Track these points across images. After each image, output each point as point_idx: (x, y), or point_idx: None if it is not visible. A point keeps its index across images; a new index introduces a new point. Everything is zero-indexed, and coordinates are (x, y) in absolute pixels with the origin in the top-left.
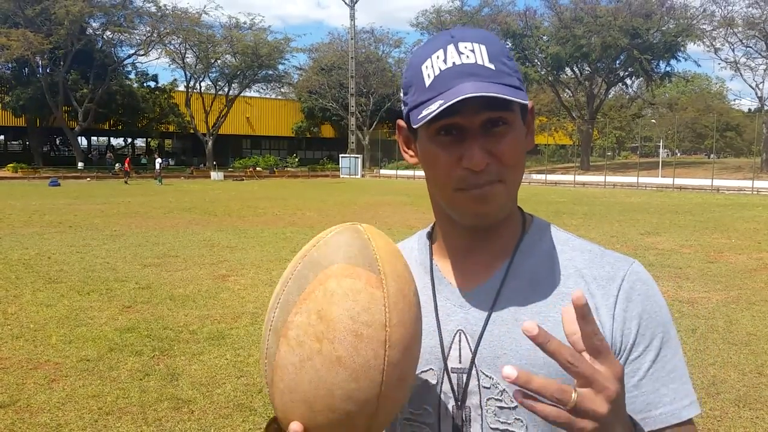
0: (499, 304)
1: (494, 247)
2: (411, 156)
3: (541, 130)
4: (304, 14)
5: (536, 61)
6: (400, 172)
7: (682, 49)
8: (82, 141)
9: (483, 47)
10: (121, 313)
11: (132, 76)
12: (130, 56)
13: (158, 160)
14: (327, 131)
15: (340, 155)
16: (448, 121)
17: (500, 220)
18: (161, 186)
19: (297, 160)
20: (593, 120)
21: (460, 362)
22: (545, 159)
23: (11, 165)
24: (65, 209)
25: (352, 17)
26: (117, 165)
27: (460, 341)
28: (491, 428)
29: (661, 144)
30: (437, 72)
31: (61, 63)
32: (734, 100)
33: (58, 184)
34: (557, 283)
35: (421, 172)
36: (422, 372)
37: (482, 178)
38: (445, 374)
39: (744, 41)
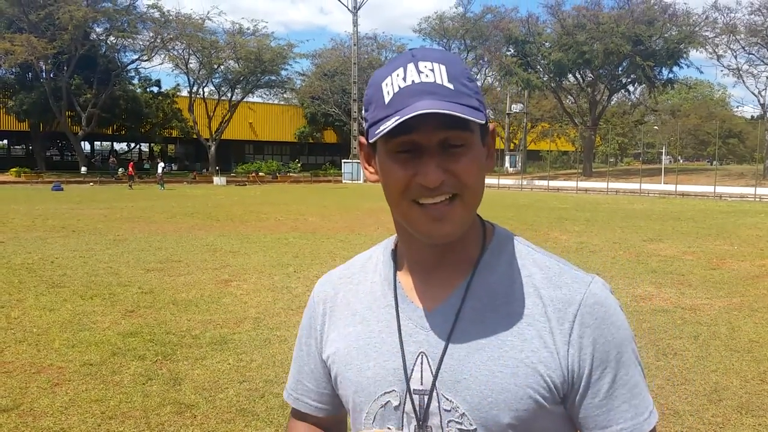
0: (459, 326)
1: (455, 262)
2: (371, 173)
3: (543, 136)
4: (308, 20)
5: (539, 67)
6: None
7: (684, 56)
8: (85, 146)
9: (443, 67)
10: (123, 318)
11: (135, 81)
12: (133, 61)
13: (160, 165)
14: (329, 136)
15: (343, 160)
16: (406, 138)
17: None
18: (164, 191)
19: (299, 165)
20: (596, 126)
21: (421, 384)
22: (547, 165)
23: (15, 169)
24: (68, 214)
25: (355, 23)
26: (120, 170)
27: (422, 363)
28: None
29: (663, 151)
30: (396, 89)
31: (65, 68)
32: (737, 107)
33: (61, 189)
34: (516, 304)
35: None
36: (386, 393)
37: (437, 193)
38: (408, 395)
39: (746, 48)
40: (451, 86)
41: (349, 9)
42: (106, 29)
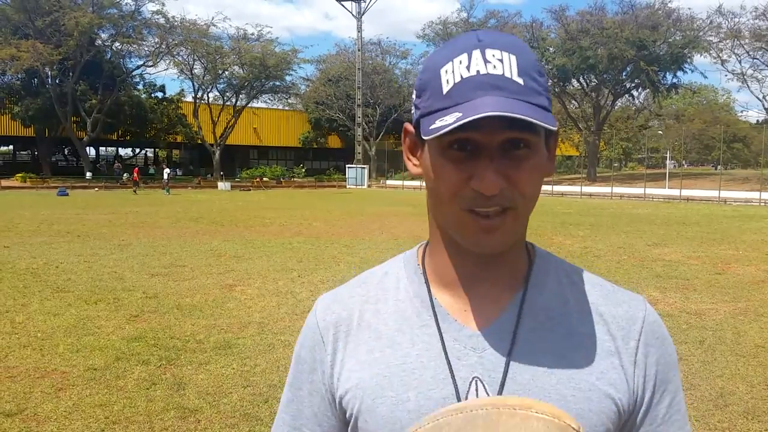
0: (518, 347)
1: (501, 278)
2: (415, 165)
3: None
4: (312, 25)
5: None
6: (407, 183)
7: (688, 60)
8: (91, 151)
9: (513, 57)
10: (128, 323)
11: (140, 86)
12: (138, 67)
13: (166, 171)
14: (334, 142)
15: (347, 166)
16: (463, 135)
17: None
18: (169, 196)
19: (304, 170)
20: (600, 131)
21: None
22: None
23: (20, 175)
24: (73, 219)
25: (359, 29)
26: (125, 175)
27: (476, 390)
28: None
29: (667, 155)
30: (458, 79)
31: (71, 74)
32: (741, 111)
33: (67, 194)
34: (575, 322)
35: None
36: None
37: (492, 203)
38: None
39: (751, 53)
40: (521, 81)
41: (353, 14)
42: (111, 35)
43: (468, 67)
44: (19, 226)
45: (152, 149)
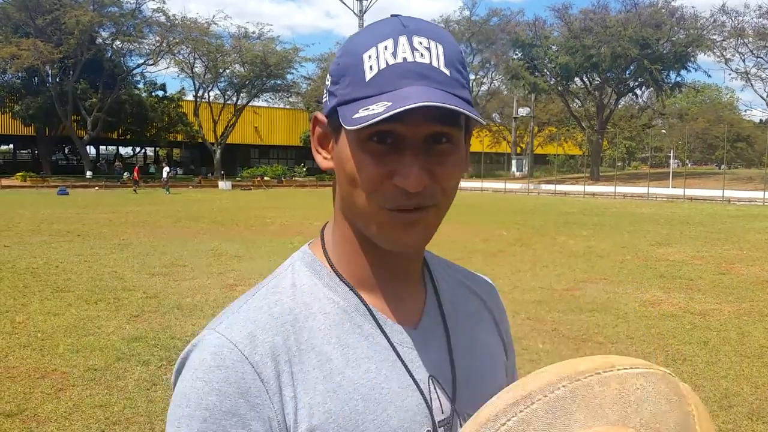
0: (452, 338)
1: (414, 274)
2: (325, 158)
3: (550, 140)
4: (314, 24)
5: (545, 70)
6: None
7: (692, 59)
8: (91, 150)
9: (440, 47)
10: (128, 323)
11: (141, 85)
12: (139, 66)
13: (165, 169)
14: None
15: None
16: (386, 126)
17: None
18: (169, 195)
19: (305, 169)
20: (603, 130)
21: (442, 412)
22: (554, 169)
23: (20, 174)
24: (73, 218)
25: (361, 27)
26: (126, 174)
27: (436, 389)
28: None
29: (671, 154)
30: (383, 66)
31: (71, 72)
32: (745, 110)
33: (67, 193)
34: (469, 306)
35: None
36: None
37: (415, 201)
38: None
39: (755, 52)
40: (447, 72)
41: (354, 12)
42: (112, 34)
43: (394, 54)
44: (19, 226)
45: (153, 148)
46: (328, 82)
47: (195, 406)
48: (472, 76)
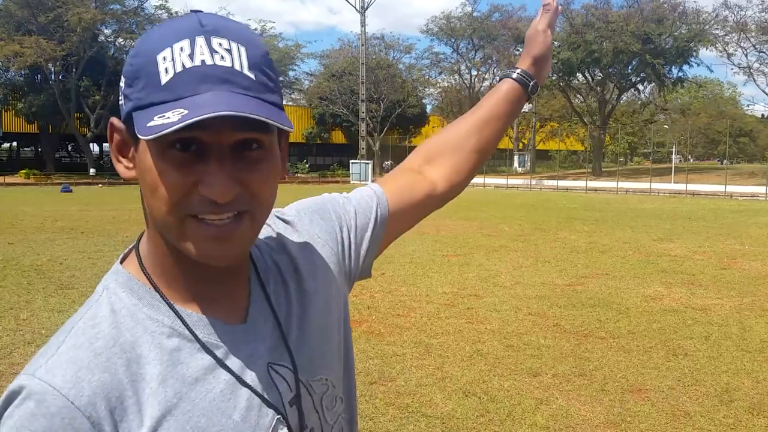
0: (279, 315)
1: (234, 273)
2: (127, 168)
3: (552, 135)
4: (317, 20)
5: None
6: None
7: (694, 54)
8: (94, 147)
9: (243, 49)
10: None
11: None
12: None
13: None
14: (337, 137)
15: (351, 161)
16: (187, 134)
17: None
18: None
19: (307, 165)
20: (605, 125)
21: (291, 391)
22: (556, 165)
23: (24, 171)
24: (77, 215)
25: (363, 23)
26: None
27: (278, 373)
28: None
29: (673, 150)
30: (179, 69)
31: (74, 70)
32: (747, 105)
33: (70, 191)
34: (288, 267)
35: None
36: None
37: (225, 210)
38: (288, 413)
39: (757, 46)
40: (252, 76)
41: (357, 9)
42: (114, 31)
43: (191, 56)
44: (23, 223)
45: None
46: (122, 84)
47: None
48: (474, 72)
